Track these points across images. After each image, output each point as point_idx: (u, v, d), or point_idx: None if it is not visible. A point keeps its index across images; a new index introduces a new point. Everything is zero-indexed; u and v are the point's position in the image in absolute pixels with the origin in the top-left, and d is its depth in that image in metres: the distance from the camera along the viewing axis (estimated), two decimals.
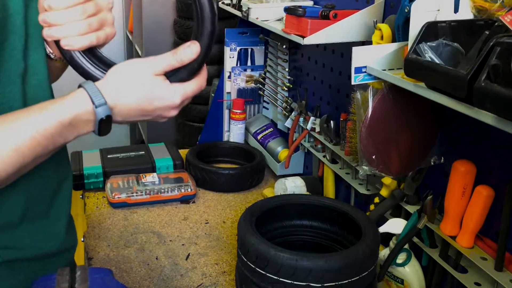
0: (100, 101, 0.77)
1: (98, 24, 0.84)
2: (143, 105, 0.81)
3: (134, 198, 1.59)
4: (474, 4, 0.91)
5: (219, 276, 1.29)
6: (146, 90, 0.80)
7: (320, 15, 1.29)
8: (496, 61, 0.69)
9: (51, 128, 0.75)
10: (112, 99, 0.79)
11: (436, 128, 1.16)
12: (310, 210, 1.27)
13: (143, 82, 0.80)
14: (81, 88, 0.79)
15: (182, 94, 0.83)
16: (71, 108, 0.77)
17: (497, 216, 1.01)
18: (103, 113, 0.78)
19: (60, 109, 0.76)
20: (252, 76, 2.06)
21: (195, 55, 0.81)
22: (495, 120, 0.73)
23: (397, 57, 1.03)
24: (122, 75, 0.81)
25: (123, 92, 0.80)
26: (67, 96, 0.79)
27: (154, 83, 0.81)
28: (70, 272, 0.74)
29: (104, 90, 0.79)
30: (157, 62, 0.81)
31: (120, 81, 0.80)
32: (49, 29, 0.81)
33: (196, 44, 0.81)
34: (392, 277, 1.15)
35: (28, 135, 0.74)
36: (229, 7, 1.88)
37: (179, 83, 0.83)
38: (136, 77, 0.80)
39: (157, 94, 0.81)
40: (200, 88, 0.86)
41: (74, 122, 0.77)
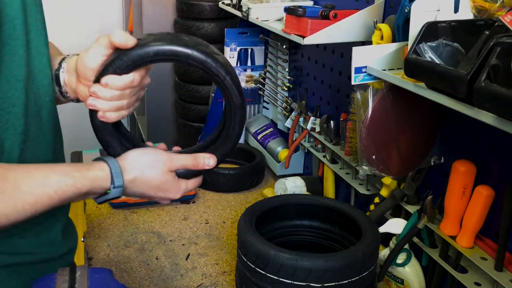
0: (119, 183, 0.84)
1: (135, 102, 0.91)
2: (149, 191, 0.89)
3: (134, 198, 1.59)
4: (474, 4, 0.91)
5: (219, 276, 1.29)
6: (157, 182, 0.88)
7: (320, 15, 1.29)
8: (496, 61, 0.69)
9: (68, 193, 0.81)
10: (128, 181, 0.86)
11: (436, 128, 1.16)
12: (310, 210, 1.27)
13: (158, 174, 0.88)
14: (105, 164, 0.85)
15: (183, 190, 0.92)
16: (92, 181, 0.83)
17: (497, 216, 1.01)
18: (116, 193, 0.85)
19: (81, 180, 0.82)
20: (252, 76, 2.06)
21: (208, 167, 0.92)
22: (495, 120, 0.73)
23: (397, 57, 1.03)
24: (142, 162, 0.88)
25: (138, 179, 0.87)
26: (90, 166, 0.84)
27: (166, 178, 0.89)
28: (70, 272, 0.74)
29: (124, 172, 0.85)
30: (176, 160, 0.90)
31: (139, 167, 0.87)
32: (94, 100, 0.85)
33: (215, 159, 0.92)
34: (392, 277, 1.15)
35: (47, 195, 0.79)
36: (229, 7, 1.88)
37: (184, 180, 0.92)
38: (154, 168, 0.88)
39: (164, 187, 0.89)
40: (198, 186, 0.95)
41: (89, 192, 0.83)
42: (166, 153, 0.91)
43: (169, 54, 0.84)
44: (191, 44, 0.85)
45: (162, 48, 0.84)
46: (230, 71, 0.88)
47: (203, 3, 2.39)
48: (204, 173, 0.94)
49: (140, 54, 0.83)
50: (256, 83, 2.06)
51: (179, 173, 0.91)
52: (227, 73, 0.87)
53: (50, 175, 0.81)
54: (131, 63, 0.84)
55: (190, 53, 0.84)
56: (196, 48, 0.85)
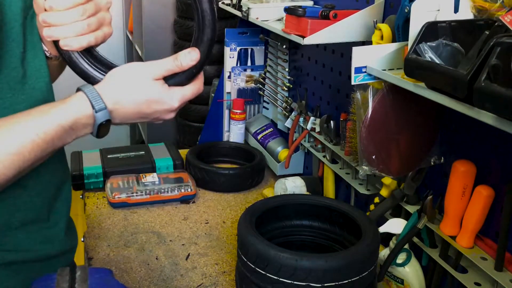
0: (100, 106, 0.79)
1: (97, 24, 0.84)
2: (142, 108, 0.82)
3: (134, 198, 1.59)
4: (474, 4, 0.91)
5: (219, 276, 1.29)
6: (145, 93, 0.82)
7: (320, 15, 1.29)
8: (496, 61, 0.69)
9: (51, 132, 0.77)
10: (111, 103, 0.80)
11: (436, 128, 1.16)
12: (310, 210, 1.27)
13: (142, 86, 0.82)
14: (80, 92, 0.80)
15: (180, 98, 0.85)
16: (71, 112, 0.78)
17: (497, 216, 1.01)
18: (103, 117, 0.79)
19: (60, 113, 0.77)
20: (252, 76, 2.06)
21: (194, 62, 0.83)
22: (495, 120, 0.73)
23: (397, 57, 1.03)
24: (121, 78, 0.82)
25: (122, 96, 0.81)
26: (67, 99, 0.79)
27: (153, 87, 0.82)
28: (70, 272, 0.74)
29: (103, 94, 0.80)
30: (157, 66, 0.83)
31: (119, 84, 0.81)
32: (48, 29, 0.81)
33: (196, 51, 0.83)
34: (392, 277, 1.15)
35: (29, 139, 0.75)
36: (229, 7, 1.88)
37: (178, 87, 0.85)
38: (135, 81, 0.82)
39: (155, 98, 0.83)
40: (198, 91, 0.88)
41: (74, 126, 0.78)
42: (144, 63, 0.84)
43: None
44: None
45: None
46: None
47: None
48: (196, 74, 0.85)
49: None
50: (256, 83, 2.06)
51: (169, 82, 0.84)
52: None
53: (26, 119, 0.77)
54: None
55: None
56: None
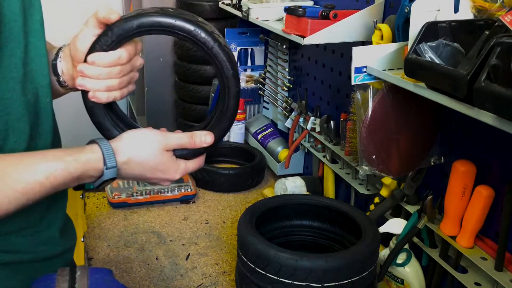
0: (112, 164, 0.82)
1: (127, 83, 0.89)
2: (146, 173, 0.87)
3: (134, 198, 1.59)
4: (474, 4, 0.91)
5: (219, 276, 1.29)
6: (153, 162, 0.86)
7: (320, 15, 1.29)
8: (496, 61, 0.69)
9: (60, 178, 0.80)
10: (121, 162, 0.84)
11: (436, 128, 1.16)
12: (310, 210, 1.27)
13: (152, 154, 0.86)
14: (97, 145, 0.83)
15: (182, 171, 0.90)
16: (84, 164, 0.81)
17: (497, 216, 1.01)
18: (110, 175, 0.83)
19: (73, 163, 0.80)
20: (252, 76, 2.06)
21: (207, 145, 0.89)
22: (495, 120, 0.73)
23: (397, 57, 1.03)
24: (136, 141, 0.86)
25: (133, 159, 0.85)
26: (82, 150, 0.83)
27: (162, 158, 0.87)
28: (70, 272, 0.74)
29: (117, 153, 0.83)
30: (171, 139, 0.88)
31: (133, 147, 0.85)
32: (83, 79, 0.84)
33: (212, 136, 0.89)
34: (392, 277, 1.15)
35: (38, 181, 0.78)
36: (229, 7, 1.88)
37: (183, 161, 0.89)
38: (148, 147, 0.86)
39: (161, 168, 0.87)
40: (199, 167, 0.93)
41: (82, 176, 0.82)
42: (161, 133, 0.88)
43: (152, 25, 0.82)
44: (174, 13, 0.83)
45: (144, 20, 0.82)
46: (218, 39, 0.84)
47: (203, 3, 2.39)
48: (203, 153, 0.90)
49: (124, 28, 0.82)
50: (256, 83, 2.06)
51: (177, 154, 0.88)
52: (215, 41, 0.83)
53: (40, 161, 0.79)
54: (116, 38, 0.82)
55: (174, 22, 0.82)
56: (179, 17, 0.82)
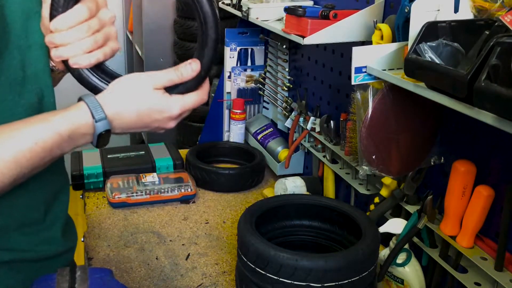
0: (100, 115, 0.79)
1: (104, 40, 0.85)
2: (142, 117, 0.83)
3: (134, 198, 1.59)
4: (474, 4, 0.91)
5: (219, 276, 1.29)
6: (145, 103, 0.83)
7: (320, 15, 1.29)
8: (496, 61, 0.69)
9: (50, 140, 0.77)
10: (111, 112, 0.81)
11: (436, 128, 1.16)
12: (310, 210, 1.27)
13: (143, 96, 0.82)
14: (81, 101, 0.80)
15: (181, 106, 0.85)
16: (71, 121, 0.78)
17: (497, 216, 1.01)
18: (103, 127, 0.80)
19: (60, 122, 0.77)
20: (252, 76, 2.06)
21: (195, 73, 0.84)
22: (495, 120, 0.73)
23: (397, 57, 1.03)
24: (122, 88, 0.83)
25: (123, 106, 0.82)
26: (67, 108, 0.80)
27: (154, 96, 0.83)
28: (70, 272, 0.74)
29: (104, 104, 0.80)
30: (158, 76, 0.84)
31: (120, 94, 0.82)
32: (56, 50, 0.82)
33: (197, 62, 0.84)
34: (392, 277, 1.15)
35: (27, 147, 0.75)
36: (229, 7, 1.88)
37: (178, 95, 0.85)
38: (136, 91, 0.82)
39: (156, 107, 0.83)
40: (201, 101, 0.88)
41: (73, 135, 0.78)
42: (146, 73, 0.84)
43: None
44: None
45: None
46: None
47: None
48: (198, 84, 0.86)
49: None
50: (256, 83, 2.06)
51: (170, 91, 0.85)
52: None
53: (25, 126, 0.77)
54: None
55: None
56: None
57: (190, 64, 0.84)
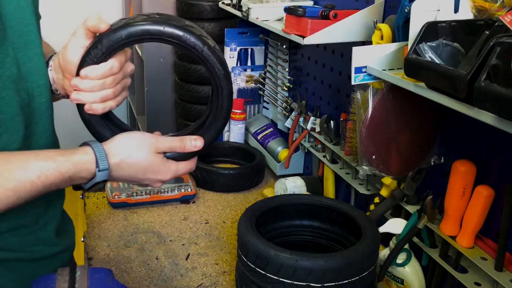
0: (104, 166, 0.83)
1: (121, 91, 0.89)
2: (137, 174, 0.88)
3: (134, 198, 1.59)
4: (474, 4, 0.91)
5: (219, 276, 1.29)
6: (144, 163, 0.87)
7: (320, 15, 1.29)
8: (496, 61, 0.69)
9: (52, 177, 0.79)
10: (114, 163, 0.84)
11: (436, 128, 1.16)
12: (310, 210, 1.27)
13: (144, 156, 0.87)
14: (89, 147, 0.83)
15: (173, 172, 0.91)
16: (76, 165, 0.81)
17: (497, 216, 1.01)
18: (102, 177, 0.83)
19: (65, 163, 0.81)
20: (252, 76, 2.06)
21: (197, 149, 0.91)
22: (495, 120, 0.73)
23: (397, 57, 1.03)
24: (127, 143, 0.87)
25: (125, 161, 0.86)
26: (74, 151, 0.83)
27: (153, 159, 0.88)
28: (70, 272, 0.74)
29: (109, 154, 0.84)
30: (162, 142, 0.89)
31: (124, 148, 0.86)
32: (77, 93, 0.85)
33: (201, 141, 0.90)
34: (392, 277, 1.15)
35: (29, 180, 0.78)
36: (229, 7, 1.88)
37: (174, 162, 0.91)
38: (139, 149, 0.87)
39: (152, 169, 0.88)
40: (190, 170, 0.94)
41: (74, 177, 0.82)
42: (152, 135, 0.90)
43: (141, 34, 0.82)
44: (161, 20, 0.83)
45: (133, 29, 0.82)
46: (207, 42, 0.85)
47: (203, 3, 2.39)
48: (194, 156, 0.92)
49: (113, 39, 0.82)
50: (256, 83, 2.06)
51: (168, 156, 0.90)
52: (204, 44, 0.84)
53: (32, 159, 0.80)
54: (106, 50, 0.82)
55: (162, 29, 0.82)
56: (167, 23, 0.83)
57: (196, 140, 0.90)
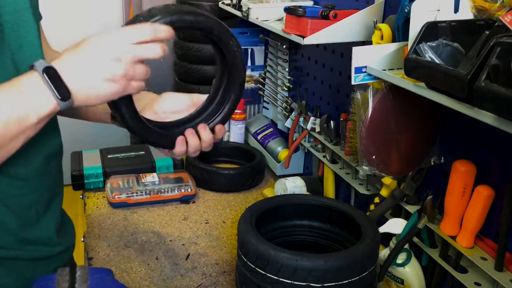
0: (40, 62, 0.73)
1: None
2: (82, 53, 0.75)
3: (134, 198, 1.59)
4: (474, 4, 0.91)
5: (219, 276, 1.29)
6: (87, 41, 0.76)
7: (320, 15, 1.29)
8: (496, 61, 0.69)
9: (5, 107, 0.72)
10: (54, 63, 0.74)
11: (436, 128, 1.16)
12: (310, 210, 1.27)
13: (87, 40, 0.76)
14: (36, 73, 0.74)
15: (126, 43, 0.74)
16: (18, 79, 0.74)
17: (497, 216, 1.01)
18: (41, 65, 0.73)
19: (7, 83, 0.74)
20: (252, 76, 2.06)
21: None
22: (495, 120, 0.73)
23: (397, 57, 1.03)
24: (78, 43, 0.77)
25: (65, 53, 0.76)
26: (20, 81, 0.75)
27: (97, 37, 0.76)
28: (70, 272, 0.74)
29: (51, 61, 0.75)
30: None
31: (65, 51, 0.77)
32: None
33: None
34: (392, 277, 1.15)
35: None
36: (229, 7, 1.88)
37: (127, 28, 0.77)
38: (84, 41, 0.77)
39: (94, 38, 0.76)
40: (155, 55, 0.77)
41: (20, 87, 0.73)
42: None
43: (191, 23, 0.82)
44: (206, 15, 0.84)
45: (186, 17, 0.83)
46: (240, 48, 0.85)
47: (203, 3, 2.39)
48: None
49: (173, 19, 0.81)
50: (256, 83, 2.06)
51: None
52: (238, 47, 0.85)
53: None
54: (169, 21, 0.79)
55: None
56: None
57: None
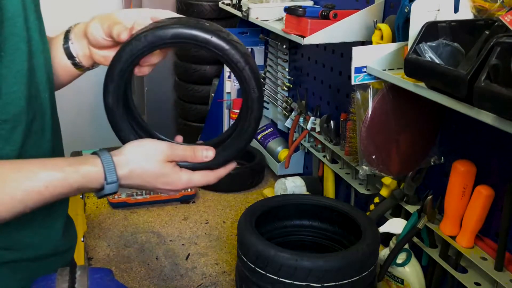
0: (112, 178, 0.81)
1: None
2: (147, 184, 0.86)
3: (134, 198, 1.59)
4: (474, 4, 0.91)
5: (219, 276, 1.29)
6: (154, 173, 0.86)
7: (320, 15, 1.29)
8: (496, 61, 0.69)
9: (59, 188, 0.78)
10: (122, 175, 0.83)
11: (436, 128, 1.16)
12: (310, 210, 1.27)
13: (153, 166, 0.85)
14: (98, 159, 0.82)
15: (185, 181, 0.88)
16: (84, 177, 0.80)
17: (497, 216, 1.01)
18: (111, 190, 0.82)
19: (73, 174, 0.80)
20: None
21: (207, 159, 0.89)
22: (495, 120, 0.73)
23: (397, 57, 1.03)
24: (138, 154, 0.85)
25: (134, 172, 0.84)
26: (83, 162, 0.82)
27: (164, 169, 0.86)
28: (70, 272, 0.74)
29: (118, 165, 0.82)
30: (174, 150, 0.87)
31: (134, 160, 0.85)
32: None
33: (212, 152, 0.89)
34: (392, 277, 1.15)
35: (36, 190, 0.77)
36: (229, 7, 1.88)
37: (187, 172, 0.89)
38: (150, 158, 0.85)
39: (162, 179, 0.87)
40: (207, 183, 0.91)
41: (81, 188, 0.81)
42: (166, 143, 0.88)
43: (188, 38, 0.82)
44: (211, 29, 0.82)
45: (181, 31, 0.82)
46: (250, 61, 0.84)
47: (203, 3, 2.39)
48: (209, 168, 0.90)
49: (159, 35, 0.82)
50: None
51: (182, 165, 0.88)
52: (246, 63, 0.83)
53: (40, 169, 0.79)
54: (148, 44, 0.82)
55: (209, 38, 0.82)
56: (216, 33, 0.82)
57: (207, 151, 0.89)
